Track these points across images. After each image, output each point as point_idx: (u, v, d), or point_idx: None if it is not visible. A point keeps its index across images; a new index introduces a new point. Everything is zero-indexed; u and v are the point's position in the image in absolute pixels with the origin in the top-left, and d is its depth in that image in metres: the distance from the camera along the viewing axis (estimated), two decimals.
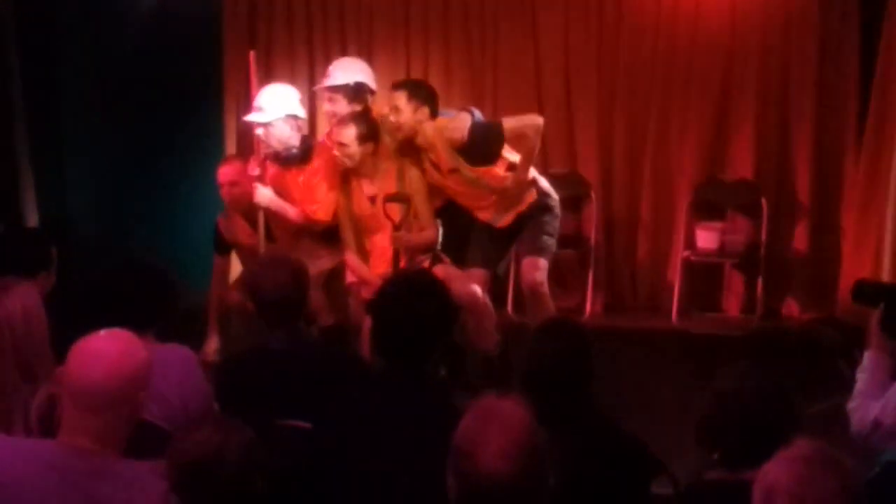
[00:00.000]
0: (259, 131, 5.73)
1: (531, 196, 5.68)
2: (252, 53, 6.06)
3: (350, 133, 5.51)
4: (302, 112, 5.89)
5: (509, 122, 5.62)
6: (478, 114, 5.68)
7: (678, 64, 7.23)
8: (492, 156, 5.57)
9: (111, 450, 2.59)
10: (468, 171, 5.54)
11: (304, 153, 5.78)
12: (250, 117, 5.77)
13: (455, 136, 5.49)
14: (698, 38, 7.15)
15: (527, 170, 5.60)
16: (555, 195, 5.82)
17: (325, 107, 5.96)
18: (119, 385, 2.57)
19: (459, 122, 5.53)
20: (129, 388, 2.59)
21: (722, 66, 7.16)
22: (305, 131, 6.03)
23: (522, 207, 5.68)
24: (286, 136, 5.72)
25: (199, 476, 2.59)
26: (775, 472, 2.25)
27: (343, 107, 5.80)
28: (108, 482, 2.54)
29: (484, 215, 5.73)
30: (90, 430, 2.56)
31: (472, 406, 2.42)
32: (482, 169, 5.55)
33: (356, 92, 5.87)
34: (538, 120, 5.67)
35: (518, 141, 5.61)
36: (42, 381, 2.98)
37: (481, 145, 5.53)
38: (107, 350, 2.61)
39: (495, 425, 2.34)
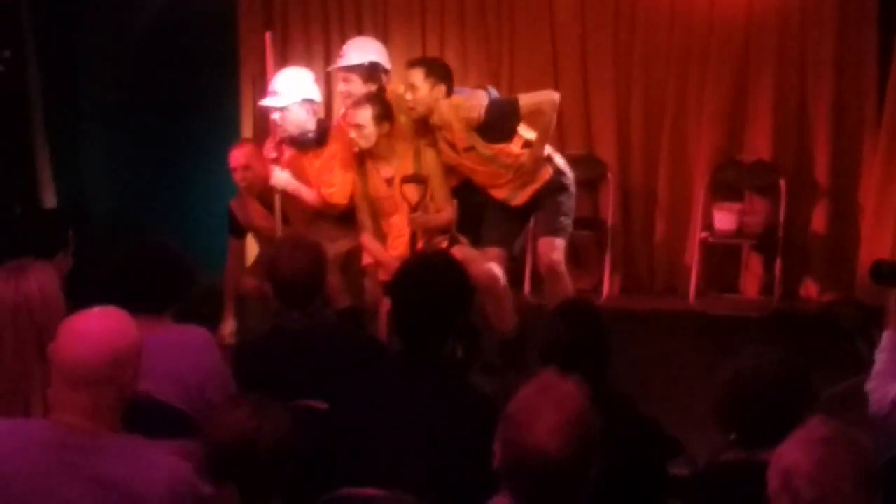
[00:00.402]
0: (275, 115, 5.73)
1: (547, 173, 5.67)
2: (268, 35, 6.05)
3: (366, 114, 5.50)
4: (318, 95, 5.90)
5: (525, 99, 5.61)
6: (493, 91, 5.67)
7: (695, 44, 7.18)
8: (508, 133, 5.56)
9: (103, 426, 2.56)
10: (484, 148, 5.53)
11: (320, 136, 5.79)
12: (266, 102, 5.77)
13: (472, 114, 5.48)
14: (715, 18, 7.10)
15: (543, 146, 5.60)
16: (570, 173, 5.81)
17: (339, 87, 5.94)
18: (104, 361, 2.53)
19: (476, 99, 5.52)
20: (116, 364, 2.56)
21: (739, 46, 7.11)
22: (321, 114, 6.02)
23: (538, 185, 5.68)
24: (302, 120, 5.72)
25: (235, 456, 2.60)
26: (793, 453, 2.24)
27: (358, 87, 5.79)
28: (103, 458, 2.52)
29: (499, 193, 5.72)
30: (79, 407, 2.53)
31: (534, 379, 2.44)
32: (498, 146, 5.55)
33: (371, 71, 5.86)
34: (554, 95, 5.66)
35: (534, 117, 5.60)
36: None
37: (498, 122, 5.52)
38: (94, 327, 2.58)
39: (553, 401, 2.36)
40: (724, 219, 7.12)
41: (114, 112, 7.66)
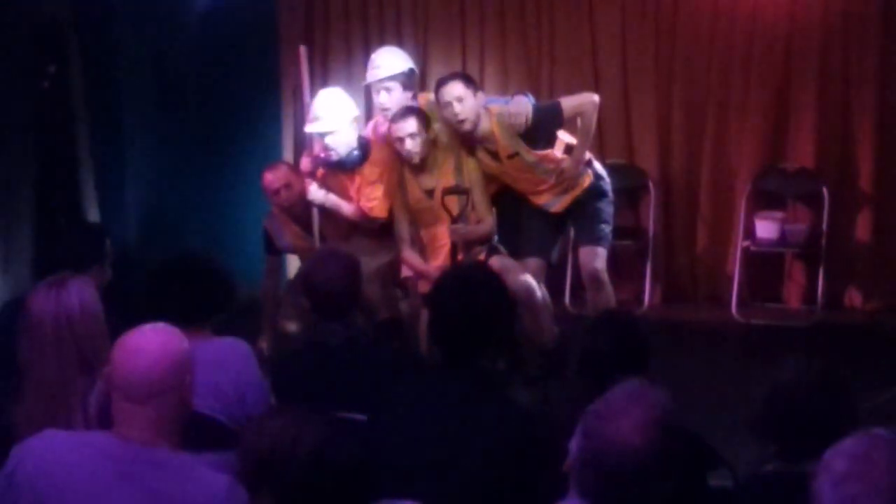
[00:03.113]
0: (329, 140, 5.69)
1: (587, 179, 5.66)
2: (302, 48, 6.04)
3: (413, 123, 5.49)
4: (357, 111, 5.91)
5: (567, 101, 5.61)
6: (531, 97, 5.66)
7: (737, 51, 7.16)
8: (550, 138, 5.56)
9: (165, 440, 2.61)
10: (528, 154, 5.52)
11: (364, 152, 5.78)
12: (315, 128, 5.71)
13: (518, 120, 5.46)
14: (757, 24, 7.08)
15: (585, 149, 5.58)
16: (607, 178, 5.79)
17: (381, 97, 5.82)
18: (162, 373, 2.59)
19: (519, 105, 5.51)
20: (173, 376, 2.62)
21: (781, 54, 7.08)
22: (361, 129, 6.04)
23: (579, 191, 5.66)
24: (351, 139, 5.72)
25: (272, 466, 2.60)
26: (844, 446, 2.23)
27: (398, 95, 5.75)
28: (163, 473, 2.56)
29: (540, 200, 5.70)
30: (142, 421, 2.59)
31: (624, 382, 2.47)
32: (542, 153, 5.53)
33: (409, 77, 5.86)
34: (594, 97, 5.64)
35: (575, 121, 5.59)
36: (100, 375, 3.01)
37: (542, 126, 5.51)
38: (148, 342, 2.63)
39: (642, 402, 2.38)
40: (767, 227, 7.07)
41: (156, 126, 7.71)
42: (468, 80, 5.58)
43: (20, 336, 3.20)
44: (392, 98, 5.76)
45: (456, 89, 5.47)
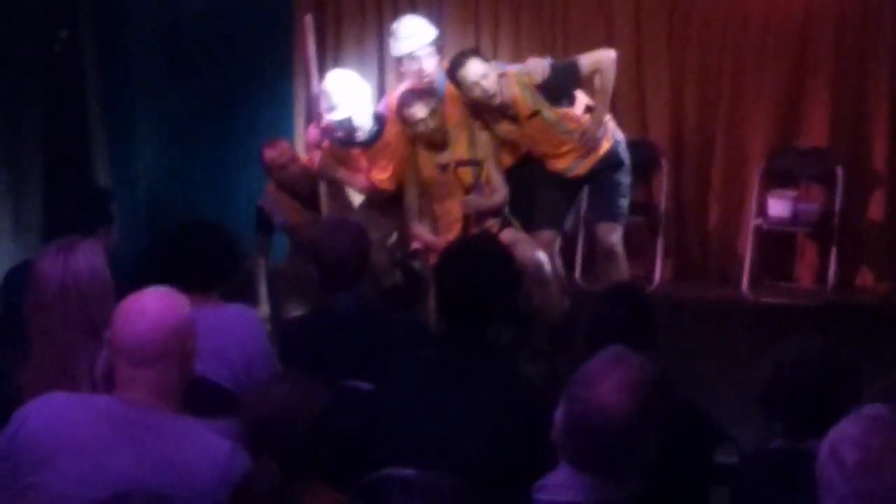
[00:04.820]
0: (357, 120, 5.66)
1: (606, 143, 5.62)
2: (307, 18, 5.98)
3: (422, 106, 5.48)
4: (368, 86, 5.89)
5: (585, 58, 5.57)
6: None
7: (752, 28, 7.11)
8: (571, 95, 5.54)
9: (166, 403, 2.61)
10: (550, 112, 5.48)
11: (380, 126, 5.76)
12: (339, 114, 5.67)
13: (535, 73, 5.44)
14: (773, 2, 7.02)
15: (606, 107, 5.56)
16: (624, 143, 5.76)
17: (424, 64, 5.66)
18: (164, 336, 2.59)
19: (537, 62, 5.51)
20: (174, 340, 2.62)
21: (797, 32, 7.03)
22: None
23: (600, 154, 5.61)
24: (369, 117, 5.71)
25: (274, 432, 2.61)
26: (845, 425, 2.22)
27: (434, 60, 5.71)
28: (164, 436, 2.56)
29: (560, 164, 5.65)
30: (143, 384, 2.59)
31: (603, 350, 2.47)
32: (563, 111, 5.50)
33: (439, 42, 5.83)
34: (612, 53, 5.60)
35: (594, 78, 5.55)
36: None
37: (561, 82, 5.49)
38: (149, 305, 2.63)
39: (621, 365, 2.39)
40: (779, 206, 7.03)
41: (168, 92, 7.69)
42: (482, 55, 5.58)
43: (27, 300, 3.20)
44: (431, 64, 5.70)
45: (477, 67, 5.43)
